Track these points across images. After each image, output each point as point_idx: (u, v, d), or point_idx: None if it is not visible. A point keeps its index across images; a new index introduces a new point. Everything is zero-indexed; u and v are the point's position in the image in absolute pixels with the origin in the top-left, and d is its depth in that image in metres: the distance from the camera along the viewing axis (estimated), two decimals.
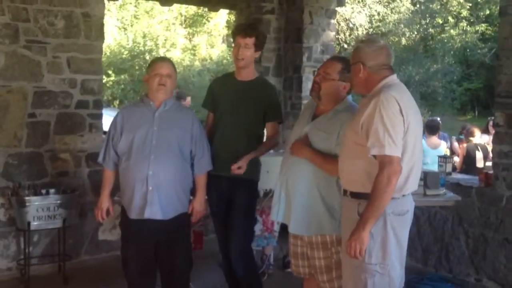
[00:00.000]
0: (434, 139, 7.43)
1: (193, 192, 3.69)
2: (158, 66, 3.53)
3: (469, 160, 7.47)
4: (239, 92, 3.77)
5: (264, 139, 3.90)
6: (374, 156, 2.70)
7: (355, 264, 2.76)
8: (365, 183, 2.76)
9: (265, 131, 3.91)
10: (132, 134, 3.48)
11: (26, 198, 4.61)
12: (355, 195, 2.83)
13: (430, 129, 7.46)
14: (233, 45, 3.83)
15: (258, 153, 3.77)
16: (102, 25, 5.32)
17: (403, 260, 2.84)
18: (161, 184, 3.42)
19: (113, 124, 3.59)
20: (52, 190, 4.76)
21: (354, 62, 2.91)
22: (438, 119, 8.48)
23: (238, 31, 3.75)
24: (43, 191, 4.73)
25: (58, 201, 4.70)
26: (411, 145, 2.76)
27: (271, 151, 4.07)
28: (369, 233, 2.68)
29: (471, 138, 7.67)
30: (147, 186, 3.41)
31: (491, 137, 7.90)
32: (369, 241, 2.69)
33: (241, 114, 3.73)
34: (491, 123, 7.94)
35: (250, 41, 3.67)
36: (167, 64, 3.58)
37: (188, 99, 8.43)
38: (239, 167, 3.62)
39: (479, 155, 7.45)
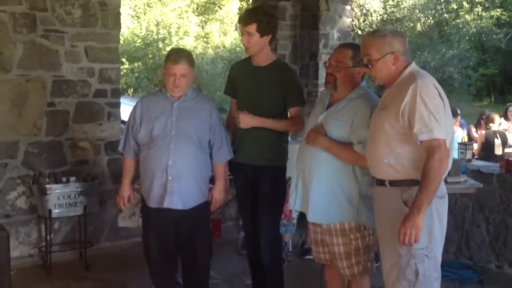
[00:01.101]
0: None
1: (212, 180, 3.70)
2: (172, 66, 3.41)
3: (488, 147, 7.42)
4: (256, 78, 3.70)
5: None
6: (420, 143, 2.69)
7: (402, 252, 2.75)
8: (410, 170, 2.76)
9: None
10: (151, 124, 3.47)
11: (47, 186, 4.64)
12: (395, 183, 2.81)
13: None
14: None
15: (272, 123, 3.62)
16: (118, 13, 5.32)
17: (443, 242, 2.86)
18: (180, 174, 3.42)
19: (133, 113, 3.59)
20: (72, 178, 4.80)
21: (384, 54, 2.81)
22: (458, 111, 8.42)
23: (238, 19, 3.70)
24: (64, 179, 4.76)
25: (79, 189, 4.74)
26: (450, 129, 2.77)
27: (290, 138, 4.01)
28: None
29: (490, 125, 7.60)
30: (167, 176, 3.41)
31: (510, 124, 7.86)
32: None
33: (260, 100, 3.67)
34: (510, 108, 7.85)
35: (251, 28, 3.56)
36: (182, 64, 3.42)
37: None
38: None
39: (497, 142, 7.40)
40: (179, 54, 3.52)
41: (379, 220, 2.96)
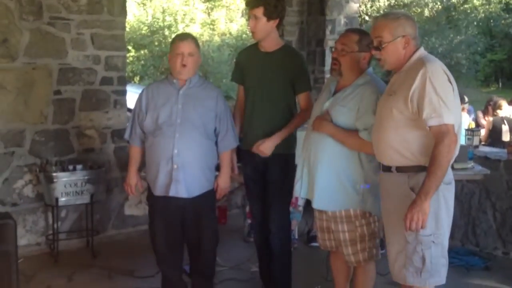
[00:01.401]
0: None
1: (218, 168, 3.69)
2: (179, 45, 3.43)
3: (495, 133, 7.37)
4: (263, 64, 3.67)
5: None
6: (429, 128, 2.68)
7: (409, 238, 2.75)
8: (418, 156, 2.75)
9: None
10: (156, 112, 3.46)
11: (54, 174, 4.66)
12: (402, 169, 2.80)
13: None
14: None
15: (286, 132, 3.63)
16: (124, 1, 5.29)
17: (450, 228, 2.85)
18: (186, 162, 3.42)
19: (138, 101, 3.57)
20: (79, 166, 4.81)
21: (395, 37, 2.78)
22: (466, 98, 8.36)
23: (246, 2, 3.65)
24: (70, 167, 4.78)
25: (86, 177, 4.75)
26: (458, 115, 2.76)
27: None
28: None
29: (498, 111, 7.55)
30: (172, 164, 3.41)
31: None
32: None
33: (268, 87, 3.64)
34: None
35: (258, 11, 3.52)
36: (189, 42, 3.46)
37: None
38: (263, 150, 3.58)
39: (505, 128, 7.35)
40: (186, 34, 3.61)
41: (385, 207, 2.95)
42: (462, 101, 7.41)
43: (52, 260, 4.70)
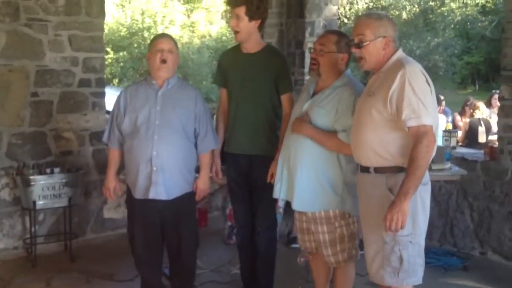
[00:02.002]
0: None
1: (198, 170, 3.68)
2: (159, 41, 3.45)
3: (471, 134, 7.48)
4: (247, 66, 3.65)
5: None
6: (408, 129, 2.70)
7: (386, 239, 2.76)
8: (396, 157, 2.76)
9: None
10: (135, 114, 3.44)
11: (31, 177, 4.60)
12: (380, 170, 2.81)
13: None
14: None
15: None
16: (103, 2, 5.27)
17: (426, 228, 2.88)
18: (165, 164, 3.40)
19: (117, 103, 3.55)
20: (57, 169, 4.76)
21: (377, 37, 2.80)
22: (442, 97, 8.47)
23: (227, 1, 3.62)
24: (48, 170, 4.72)
25: (63, 180, 4.70)
26: (436, 116, 2.78)
27: None
28: None
29: (475, 112, 7.66)
30: (152, 167, 3.39)
31: (492, 110, 7.92)
32: None
33: (252, 89, 3.63)
34: (495, 96, 7.91)
35: (240, 10, 3.50)
36: (168, 39, 3.50)
37: None
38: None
39: (481, 129, 7.45)
40: (163, 34, 3.68)
41: (363, 207, 2.97)
42: (438, 101, 7.50)
43: (29, 265, 4.64)
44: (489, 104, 8.40)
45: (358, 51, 2.86)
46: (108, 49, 17.12)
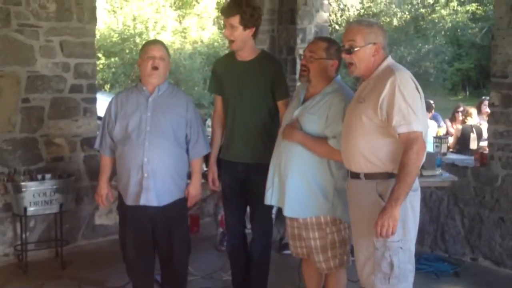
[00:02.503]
0: None
1: (189, 176, 3.67)
2: (150, 48, 3.45)
3: (463, 141, 7.51)
4: (242, 74, 3.64)
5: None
6: (398, 135, 2.71)
7: (377, 245, 2.77)
8: (387, 163, 2.77)
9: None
10: (126, 120, 3.44)
11: (22, 183, 4.58)
12: (371, 176, 2.82)
13: None
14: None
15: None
16: (94, 7, 5.26)
17: (416, 234, 2.89)
18: (156, 170, 3.40)
19: (108, 110, 3.54)
20: (48, 175, 4.74)
21: (367, 43, 2.81)
22: (432, 102, 8.52)
23: (221, 11, 3.63)
24: (39, 176, 4.71)
25: (55, 186, 4.68)
26: (426, 122, 2.80)
27: None
28: None
29: (468, 119, 7.70)
30: (143, 173, 3.39)
31: (482, 117, 7.97)
32: None
33: (249, 96, 3.62)
34: (485, 102, 7.96)
35: (234, 20, 3.50)
36: (160, 46, 3.50)
37: None
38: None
39: (473, 136, 7.50)
40: (155, 40, 3.67)
41: (353, 214, 2.98)
42: (429, 107, 7.55)
43: (20, 271, 4.62)
44: (479, 111, 8.45)
45: (349, 57, 2.87)
46: (100, 55, 17.08)
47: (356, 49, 2.83)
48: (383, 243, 2.76)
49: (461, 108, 8.54)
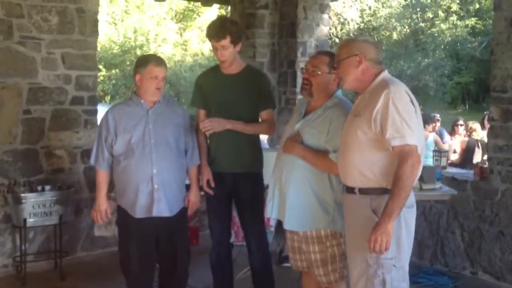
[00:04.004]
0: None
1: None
2: (156, 70, 3.43)
3: (467, 154, 7.52)
4: (229, 87, 3.68)
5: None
6: (392, 149, 2.69)
7: (370, 261, 2.74)
8: (380, 178, 2.75)
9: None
10: (129, 134, 3.44)
11: (22, 195, 4.59)
12: (365, 191, 2.80)
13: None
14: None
15: (244, 127, 3.63)
16: (96, 20, 5.30)
17: (410, 252, 2.85)
18: (165, 181, 3.45)
19: (104, 125, 3.52)
20: (47, 187, 4.75)
21: (350, 55, 2.85)
22: (438, 116, 8.56)
23: (210, 36, 3.63)
24: (39, 188, 4.72)
25: (54, 198, 4.69)
26: (421, 136, 2.78)
27: (266, 143, 4.03)
28: None
29: (473, 134, 7.72)
30: (153, 185, 3.41)
31: (485, 132, 7.97)
32: None
33: (235, 108, 3.66)
34: (487, 117, 7.98)
35: (225, 42, 3.54)
36: (164, 67, 3.50)
37: None
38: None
39: (478, 150, 7.51)
40: (159, 57, 3.62)
41: (348, 229, 2.96)
42: (433, 120, 7.56)
43: (19, 283, 4.61)
44: (482, 126, 8.45)
45: (335, 72, 2.93)
46: (101, 67, 17.19)
47: (339, 62, 2.87)
48: (376, 260, 2.73)
49: (460, 122, 8.56)
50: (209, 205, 3.89)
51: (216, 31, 3.58)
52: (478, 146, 7.52)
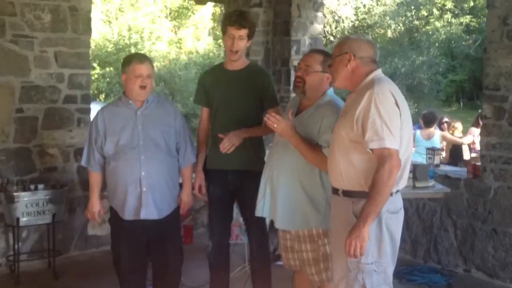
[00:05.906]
0: (429, 130, 7.52)
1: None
2: (138, 67, 3.38)
3: (455, 153, 7.57)
4: (233, 83, 3.68)
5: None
6: (371, 151, 2.63)
7: (351, 266, 2.69)
8: (361, 181, 2.69)
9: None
10: (117, 136, 3.41)
11: (15, 194, 4.57)
12: (348, 194, 2.75)
13: (426, 121, 7.59)
14: (224, 36, 3.65)
15: (252, 132, 3.63)
16: (89, 18, 5.28)
17: (395, 256, 2.80)
18: (154, 184, 3.40)
19: (94, 126, 3.49)
20: (41, 186, 4.73)
21: (341, 53, 2.83)
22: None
23: (231, 22, 3.59)
24: (32, 187, 4.70)
25: (47, 197, 4.67)
26: (405, 139, 2.70)
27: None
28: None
29: (455, 132, 7.77)
30: (141, 187, 3.38)
31: (477, 130, 8.02)
32: None
33: (238, 105, 3.65)
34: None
35: (244, 32, 3.57)
36: (147, 64, 3.44)
37: None
38: (231, 145, 3.54)
39: (464, 147, 7.56)
40: (142, 55, 3.59)
41: (332, 231, 2.93)
42: (434, 120, 7.60)
43: (12, 282, 4.59)
44: (477, 124, 8.47)
45: (329, 69, 2.95)
46: (95, 65, 17.14)
47: (333, 60, 2.87)
48: (356, 264, 2.68)
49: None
50: (211, 206, 3.88)
51: (239, 19, 3.60)
52: (463, 143, 7.60)
